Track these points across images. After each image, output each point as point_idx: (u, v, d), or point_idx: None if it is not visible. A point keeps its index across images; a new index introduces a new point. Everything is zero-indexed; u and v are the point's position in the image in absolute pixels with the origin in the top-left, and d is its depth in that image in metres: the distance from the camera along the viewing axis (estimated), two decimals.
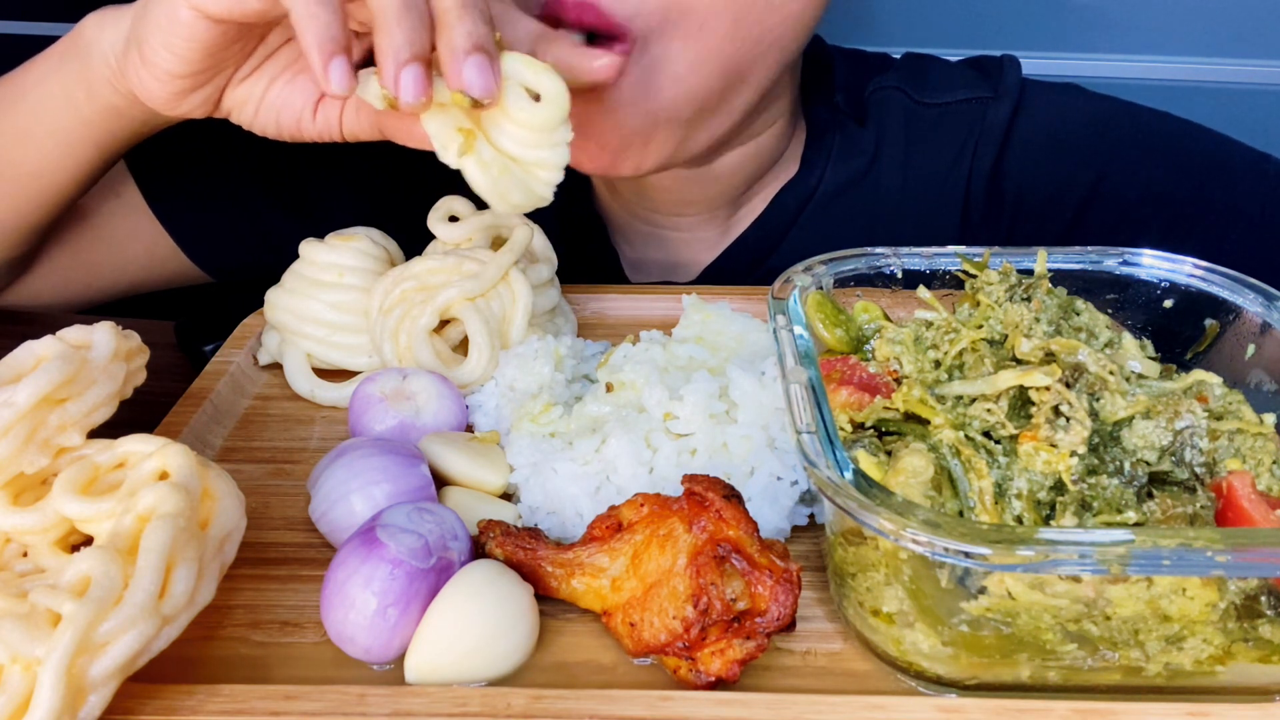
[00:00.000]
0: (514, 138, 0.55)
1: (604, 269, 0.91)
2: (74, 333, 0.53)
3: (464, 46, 0.51)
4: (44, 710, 0.39)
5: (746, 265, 0.88)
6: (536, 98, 0.54)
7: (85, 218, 0.86)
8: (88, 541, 0.48)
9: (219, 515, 0.48)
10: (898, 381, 0.55)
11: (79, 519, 0.48)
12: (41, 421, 0.49)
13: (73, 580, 0.42)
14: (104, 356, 0.52)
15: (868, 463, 0.49)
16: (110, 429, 0.53)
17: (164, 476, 0.48)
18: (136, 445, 0.51)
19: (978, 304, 0.57)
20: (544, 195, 0.56)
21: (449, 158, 0.54)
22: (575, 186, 0.90)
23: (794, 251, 0.86)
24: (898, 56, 0.93)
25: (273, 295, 0.70)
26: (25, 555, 0.49)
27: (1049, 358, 0.52)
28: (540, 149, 0.55)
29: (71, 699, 0.40)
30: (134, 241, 0.89)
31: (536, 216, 0.92)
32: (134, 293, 0.93)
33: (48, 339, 0.51)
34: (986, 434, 0.51)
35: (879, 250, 0.61)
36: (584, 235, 0.90)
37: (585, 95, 0.67)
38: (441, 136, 0.54)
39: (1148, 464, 0.49)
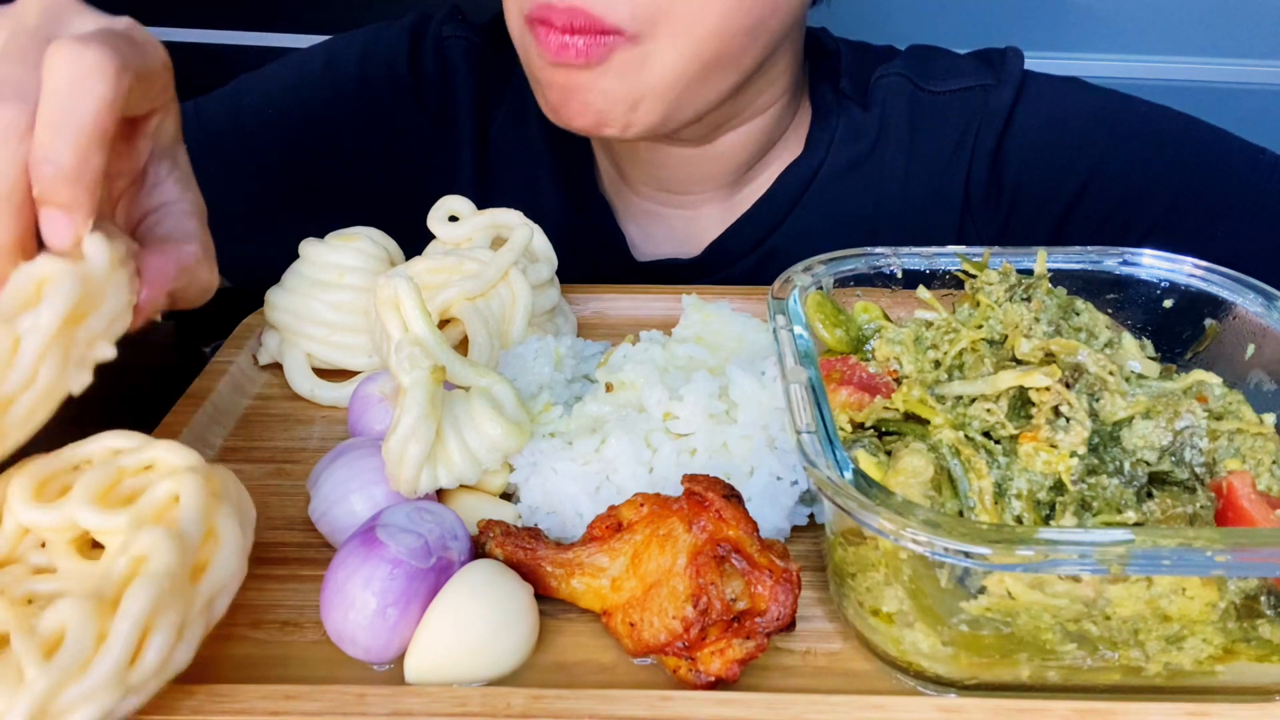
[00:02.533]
0: (478, 434, 0.55)
1: (609, 248, 0.92)
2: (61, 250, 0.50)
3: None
4: None
5: (750, 243, 0.89)
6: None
7: None
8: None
9: (216, 566, 0.47)
10: (898, 381, 0.55)
11: (93, 529, 0.47)
12: (71, 339, 0.48)
13: (49, 630, 0.41)
14: (102, 267, 0.50)
15: (868, 463, 0.49)
16: (109, 426, 0.53)
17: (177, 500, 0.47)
18: (165, 455, 0.50)
19: (978, 304, 0.57)
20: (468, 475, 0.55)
21: (403, 377, 0.53)
22: (578, 169, 0.91)
23: (797, 230, 0.88)
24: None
25: (273, 295, 0.70)
26: (43, 545, 0.49)
27: (1049, 358, 0.52)
28: (489, 461, 0.55)
29: None
30: None
31: (538, 198, 0.92)
32: None
33: (42, 258, 0.48)
34: (986, 434, 0.51)
35: (879, 250, 0.61)
36: (588, 216, 0.92)
37: (574, 65, 0.70)
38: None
39: (1148, 464, 0.49)
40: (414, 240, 0.74)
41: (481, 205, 0.73)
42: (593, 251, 0.91)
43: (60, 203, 0.49)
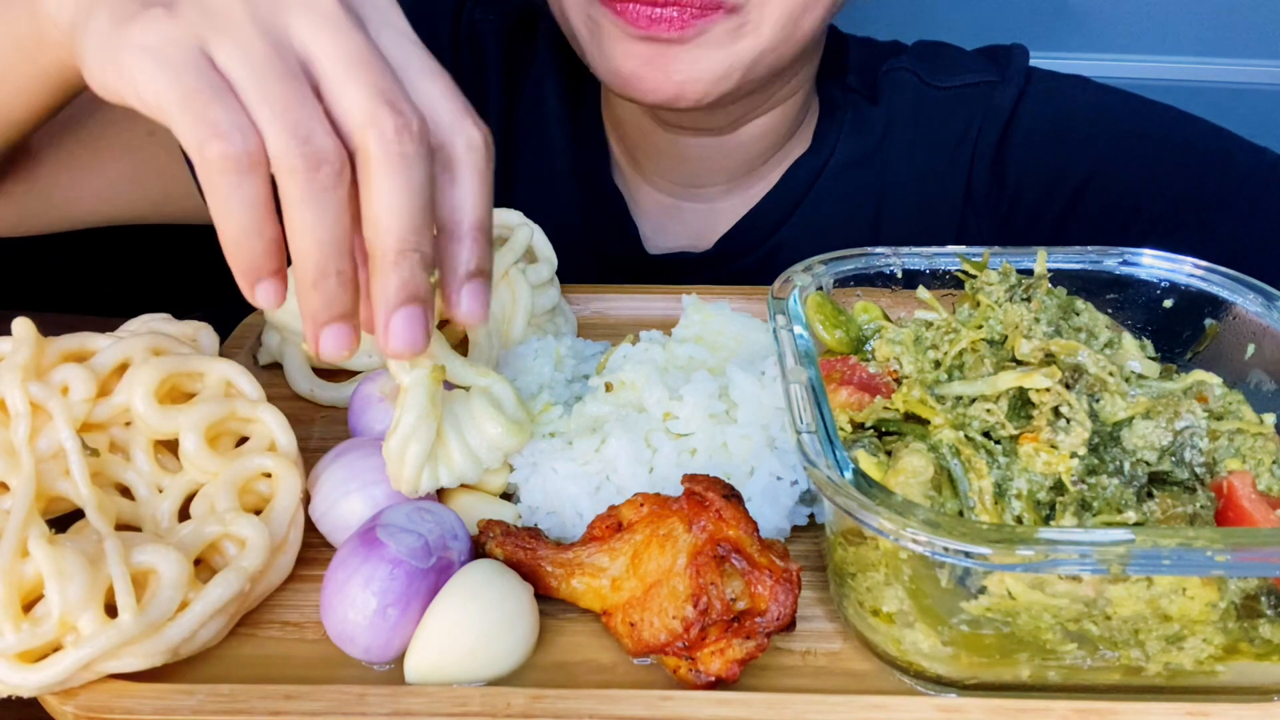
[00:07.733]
0: (479, 433, 0.54)
1: (622, 240, 0.92)
2: (170, 327, 0.59)
3: (391, 302, 0.44)
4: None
5: (759, 237, 0.90)
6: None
7: (108, 126, 0.82)
8: None
9: (275, 569, 0.51)
10: (898, 381, 0.54)
11: (191, 458, 0.52)
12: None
13: (139, 566, 0.46)
14: (211, 350, 0.60)
15: (868, 463, 0.49)
16: None
17: (272, 448, 0.54)
18: (271, 421, 0.55)
19: (978, 304, 0.57)
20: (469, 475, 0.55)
21: (403, 377, 0.52)
22: (593, 161, 0.92)
23: (805, 223, 0.89)
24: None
25: None
26: (127, 425, 0.54)
27: (1049, 359, 0.51)
28: (489, 460, 0.55)
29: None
30: (158, 163, 0.85)
31: (554, 187, 0.90)
32: (139, 220, 0.88)
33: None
34: (986, 434, 0.51)
35: (879, 250, 0.61)
36: (602, 207, 0.92)
37: (661, 38, 0.69)
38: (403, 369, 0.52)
39: (1148, 464, 0.49)
40: None
41: (503, 192, 0.72)
42: (605, 243, 0.91)
43: (488, 268, 0.47)
